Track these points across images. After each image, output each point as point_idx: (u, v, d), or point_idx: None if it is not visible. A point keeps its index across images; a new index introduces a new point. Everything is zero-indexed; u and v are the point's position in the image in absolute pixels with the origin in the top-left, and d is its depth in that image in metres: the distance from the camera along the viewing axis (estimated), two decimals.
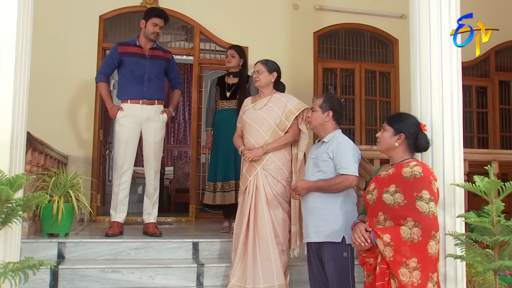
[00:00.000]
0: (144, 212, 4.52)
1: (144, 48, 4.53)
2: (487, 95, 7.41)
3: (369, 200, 2.71)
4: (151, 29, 4.47)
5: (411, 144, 2.74)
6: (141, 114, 4.43)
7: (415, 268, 2.41)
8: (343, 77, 6.95)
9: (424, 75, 3.12)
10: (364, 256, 2.64)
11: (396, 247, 2.43)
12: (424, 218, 2.45)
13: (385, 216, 2.57)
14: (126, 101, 4.45)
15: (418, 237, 2.43)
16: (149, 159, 4.48)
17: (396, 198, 2.54)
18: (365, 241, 2.57)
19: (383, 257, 2.49)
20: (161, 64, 4.59)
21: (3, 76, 2.60)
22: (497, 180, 2.54)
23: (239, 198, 3.83)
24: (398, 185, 2.57)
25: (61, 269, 3.59)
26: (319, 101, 3.23)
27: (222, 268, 3.81)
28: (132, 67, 4.47)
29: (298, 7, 6.70)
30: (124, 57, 4.48)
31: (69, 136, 5.86)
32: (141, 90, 4.45)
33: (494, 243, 2.53)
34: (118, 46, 4.52)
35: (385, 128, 2.78)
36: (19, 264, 2.29)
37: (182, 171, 9.01)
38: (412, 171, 2.57)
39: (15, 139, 2.64)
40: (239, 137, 3.91)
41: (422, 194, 2.50)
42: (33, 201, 2.37)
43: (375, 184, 2.72)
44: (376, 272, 2.53)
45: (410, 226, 2.45)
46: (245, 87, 4.85)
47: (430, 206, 2.48)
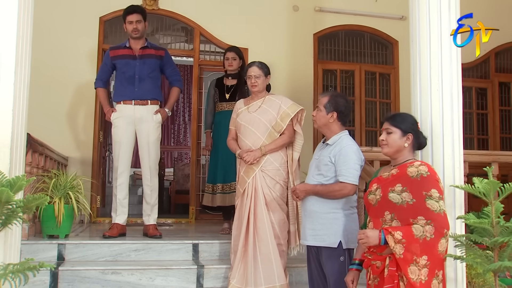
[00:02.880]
0: (143, 213, 4.52)
1: (134, 48, 4.55)
2: (487, 97, 7.41)
3: (372, 200, 2.68)
4: (129, 28, 4.54)
5: (415, 143, 2.73)
6: (134, 115, 4.43)
7: (425, 265, 2.40)
8: (343, 78, 6.95)
9: (424, 77, 3.12)
10: (370, 259, 2.60)
11: (408, 245, 2.40)
12: (436, 216, 2.44)
13: (392, 216, 2.55)
14: (120, 103, 4.49)
15: (430, 235, 2.41)
16: (144, 159, 4.48)
17: (404, 197, 2.52)
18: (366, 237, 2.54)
19: (391, 260, 2.47)
20: (153, 62, 4.57)
21: (3, 78, 2.60)
22: (496, 181, 2.54)
23: (237, 200, 3.82)
24: (404, 184, 2.55)
25: (61, 271, 3.60)
26: (324, 100, 3.15)
27: (222, 270, 3.82)
28: (123, 69, 4.52)
29: (298, 9, 6.71)
30: (115, 60, 4.55)
31: (69, 138, 5.86)
32: (132, 91, 4.47)
33: (494, 244, 2.52)
34: (109, 51, 4.61)
35: (390, 130, 2.70)
36: (19, 266, 2.28)
37: (182, 172, 9.00)
38: (418, 171, 2.56)
39: (15, 141, 2.64)
40: (233, 140, 3.91)
41: (431, 192, 2.49)
42: (33, 202, 2.37)
43: (378, 184, 2.69)
44: (384, 275, 2.50)
45: (422, 224, 2.44)
46: (244, 88, 4.84)
47: (440, 205, 2.47)
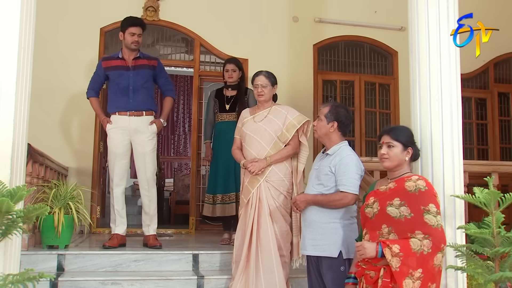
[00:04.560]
0: (143, 224, 4.51)
1: (127, 59, 4.53)
2: (487, 107, 7.42)
3: (369, 213, 2.68)
4: (129, 39, 4.49)
5: (413, 156, 2.75)
6: (129, 126, 4.43)
7: (418, 278, 2.41)
8: (343, 89, 6.97)
9: (424, 87, 3.13)
10: (364, 268, 2.60)
11: (404, 258, 2.41)
12: (434, 231, 2.46)
13: (389, 229, 2.55)
14: (115, 114, 4.47)
15: (428, 249, 2.43)
16: (140, 170, 4.47)
17: (402, 211, 2.53)
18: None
19: (386, 271, 2.47)
20: (146, 73, 4.56)
21: (4, 88, 2.62)
22: (497, 191, 2.54)
23: (240, 211, 3.81)
24: (402, 198, 2.56)
25: (61, 281, 3.58)
26: (325, 110, 3.16)
27: (223, 280, 3.80)
28: (116, 80, 4.49)
29: (298, 20, 6.74)
30: (108, 71, 4.52)
31: (69, 148, 5.86)
32: (127, 102, 4.45)
33: (495, 254, 2.52)
34: (102, 62, 4.60)
35: (392, 144, 2.69)
36: (19, 276, 2.28)
37: (182, 183, 8.99)
38: (416, 185, 2.56)
39: (16, 151, 2.64)
40: (238, 149, 3.89)
41: (429, 207, 2.50)
42: (34, 212, 2.37)
43: (375, 198, 2.69)
44: (377, 286, 2.50)
45: (420, 238, 2.45)
46: (244, 99, 4.86)
47: (438, 219, 2.49)
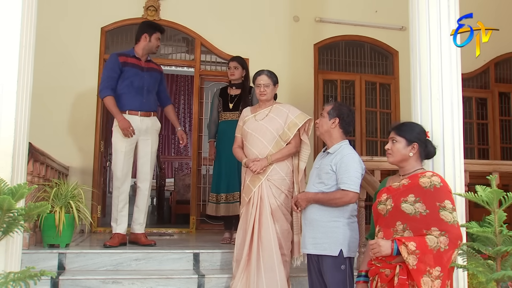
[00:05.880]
0: (134, 222, 4.49)
1: (141, 60, 4.56)
2: (487, 107, 7.43)
3: (382, 210, 2.65)
4: (155, 43, 4.56)
5: (422, 152, 2.73)
6: (140, 126, 4.43)
7: (438, 277, 2.39)
8: (344, 88, 6.97)
9: (424, 86, 3.13)
10: (378, 266, 2.58)
11: (421, 256, 2.40)
12: (451, 228, 2.44)
13: (404, 226, 2.53)
14: (124, 112, 4.40)
15: (445, 246, 2.41)
16: (144, 169, 4.48)
17: (417, 208, 2.51)
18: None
19: (402, 268, 2.45)
20: (157, 76, 4.63)
21: (6, 87, 2.62)
22: (500, 190, 2.54)
23: (241, 209, 3.81)
24: (417, 195, 2.54)
25: (62, 280, 3.58)
26: (328, 108, 3.22)
27: (223, 279, 3.80)
28: (131, 78, 4.46)
29: (299, 19, 6.74)
30: (125, 67, 4.46)
31: (70, 147, 5.86)
32: (140, 102, 4.47)
33: (497, 253, 2.52)
34: (118, 57, 4.48)
35: (396, 139, 2.72)
36: (20, 274, 2.28)
37: (183, 182, 8.98)
38: (431, 181, 2.55)
39: (17, 150, 2.64)
40: (239, 148, 3.90)
41: (445, 204, 2.48)
42: (35, 210, 2.37)
43: (388, 194, 2.67)
44: (393, 283, 2.47)
45: (437, 235, 2.43)
46: (248, 98, 4.85)
47: (454, 216, 2.47)
